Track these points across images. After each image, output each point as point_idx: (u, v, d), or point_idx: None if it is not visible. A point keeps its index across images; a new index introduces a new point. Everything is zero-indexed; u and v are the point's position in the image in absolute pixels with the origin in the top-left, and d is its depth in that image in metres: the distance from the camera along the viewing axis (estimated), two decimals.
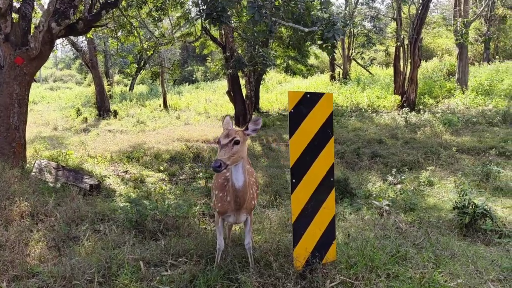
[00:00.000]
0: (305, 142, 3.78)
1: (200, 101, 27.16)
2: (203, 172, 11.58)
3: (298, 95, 3.74)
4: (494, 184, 9.58)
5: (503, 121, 15.59)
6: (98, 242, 4.67)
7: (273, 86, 29.58)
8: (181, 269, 3.98)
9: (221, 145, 3.63)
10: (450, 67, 25.25)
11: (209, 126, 19.85)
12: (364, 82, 24.80)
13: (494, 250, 5.02)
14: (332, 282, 3.56)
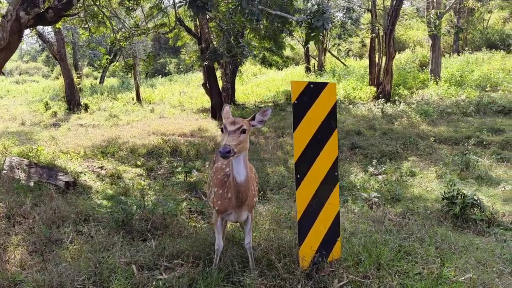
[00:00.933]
0: (309, 135, 3.59)
1: (174, 94, 26.61)
2: (182, 166, 11.31)
3: (301, 85, 3.54)
4: (474, 173, 9.71)
5: (477, 111, 15.92)
6: (84, 245, 4.35)
7: (248, 78, 29.31)
8: (178, 272, 3.73)
9: (228, 131, 3.39)
10: (423, 59, 25.64)
11: (184, 119, 19.45)
12: (339, 73, 24.86)
13: (490, 241, 4.99)
14: (340, 281, 3.40)
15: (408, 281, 3.33)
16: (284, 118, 18.52)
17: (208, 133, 16.60)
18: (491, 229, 6.19)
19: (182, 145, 13.87)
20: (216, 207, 3.82)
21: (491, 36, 30.21)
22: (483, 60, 23.86)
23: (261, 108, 3.60)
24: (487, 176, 9.53)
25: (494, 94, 17.76)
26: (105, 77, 36.81)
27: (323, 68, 27.34)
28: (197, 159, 12.67)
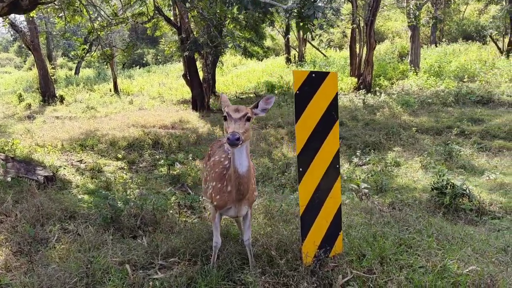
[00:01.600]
0: (311, 127, 3.46)
1: (153, 85, 26.10)
2: (164, 159, 11.12)
3: (303, 74, 3.40)
4: (458, 163, 9.83)
5: (456, 101, 16.15)
6: (72, 244, 4.13)
7: (228, 69, 29.01)
8: (175, 271, 3.56)
9: (233, 119, 3.23)
10: (402, 50, 25.87)
11: (165, 111, 19.09)
12: (319, 64, 24.84)
13: (483, 231, 5.01)
14: (344, 277, 3.31)
15: (414, 275, 3.26)
16: None
17: (190, 125, 16.34)
18: (480, 218, 6.26)
19: (163, 137, 13.63)
20: (214, 202, 3.65)
21: (467, 28, 30.76)
22: (460, 51, 24.24)
23: (264, 96, 3.44)
24: (470, 166, 9.66)
25: (471, 84, 18.05)
26: (81, 67, 35.85)
27: (303, 59, 27.28)
28: (180, 151, 12.46)
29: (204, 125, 16.11)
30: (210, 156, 4.29)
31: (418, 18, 19.60)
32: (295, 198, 7.14)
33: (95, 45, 16.97)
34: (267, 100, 3.45)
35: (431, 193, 6.89)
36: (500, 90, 16.64)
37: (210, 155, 4.30)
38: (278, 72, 24.60)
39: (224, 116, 3.33)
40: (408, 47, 23.68)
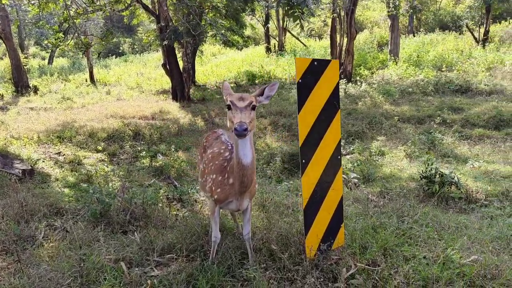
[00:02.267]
0: (313, 117, 3.36)
1: (131, 75, 25.52)
2: (146, 150, 10.90)
3: (305, 62, 3.28)
4: (441, 151, 9.95)
5: (436, 90, 16.36)
6: (61, 242, 3.92)
7: (208, 58, 28.61)
8: (173, 268, 3.41)
9: (239, 108, 3.08)
10: (380, 39, 26.02)
11: (144, 101, 18.71)
12: (299, 54, 24.75)
13: (475, 219, 5.04)
14: (348, 270, 3.24)
15: (419, 267, 3.22)
16: None
17: (170, 115, 16.06)
18: (468, 206, 6.33)
19: (144, 128, 13.36)
20: (214, 196, 3.51)
21: (444, 18, 31.16)
22: (437, 41, 24.55)
23: (269, 83, 3.30)
24: (453, 154, 9.79)
25: (450, 74, 18.31)
26: (54, 57, 34.72)
27: (283, 48, 27.13)
28: (161, 142, 12.25)
29: (185, 116, 15.86)
30: (205, 148, 4.14)
31: (398, 7, 19.69)
32: (283, 189, 7.08)
33: (71, 34, 16.39)
34: (272, 87, 3.32)
35: (420, 181, 6.91)
36: (477, 79, 16.93)
37: (206, 147, 4.14)
38: (258, 62, 24.40)
39: (228, 105, 3.17)
40: (387, 37, 23.83)
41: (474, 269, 3.14)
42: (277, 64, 23.37)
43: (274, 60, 24.37)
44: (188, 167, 10.09)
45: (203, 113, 16.31)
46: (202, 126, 14.66)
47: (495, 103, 13.72)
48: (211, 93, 19.76)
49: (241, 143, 3.16)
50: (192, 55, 19.97)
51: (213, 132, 4.42)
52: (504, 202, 6.46)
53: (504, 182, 7.33)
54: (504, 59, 19.04)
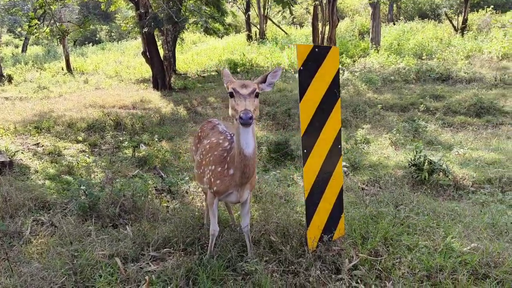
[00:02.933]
0: (314, 105, 3.26)
1: (109, 64, 24.89)
2: (128, 140, 10.67)
3: (307, 49, 3.17)
4: (425, 139, 10.04)
5: (417, 78, 16.51)
6: (50, 238, 3.74)
7: (188, 46, 28.13)
8: (171, 263, 3.29)
9: (242, 96, 2.95)
10: (361, 27, 26.07)
11: (124, 90, 18.31)
12: (281, 42, 24.59)
13: (466, 206, 5.06)
14: (351, 261, 3.18)
15: (422, 256, 3.19)
16: None
17: (152, 105, 15.77)
18: (456, 192, 6.39)
19: (125, 118, 13.07)
20: (214, 188, 3.38)
21: (423, 6, 31.41)
22: (417, 29, 24.73)
23: (273, 69, 3.17)
24: (437, 141, 9.88)
25: (430, 62, 18.50)
26: (28, 45, 33.57)
27: (264, 36, 26.89)
28: (144, 132, 12.00)
29: (167, 105, 15.59)
30: (201, 139, 3.99)
31: None
32: (272, 179, 7.00)
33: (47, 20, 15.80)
34: (274, 73, 3.18)
35: (408, 169, 6.93)
36: (457, 67, 17.15)
37: (201, 137, 4.00)
38: (239, 50, 24.13)
39: (230, 93, 3.04)
40: (368, 25, 23.89)
41: (476, 257, 3.13)
42: (258, 52, 23.17)
43: (255, 48, 24.14)
44: (172, 157, 9.92)
45: (185, 102, 16.06)
46: (185, 115, 14.44)
47: (475, 91, 13.92)
48: (192, 82, 19.46)
49: (243, 132, 3.03)
50: (172, 43, 19.58)
51: (208, 122, 4.27)
52: (491, 189, 6.56)
53: (489, 168, 7.43)
54: (482, 47, 19.34)
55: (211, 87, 18.71)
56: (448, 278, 2.95)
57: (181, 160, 9.79)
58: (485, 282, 2.93)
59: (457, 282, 2.92)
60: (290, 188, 5.77)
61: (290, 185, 6.57)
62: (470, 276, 3.01)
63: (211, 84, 19.12)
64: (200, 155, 3.72)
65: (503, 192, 6.40)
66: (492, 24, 23.46)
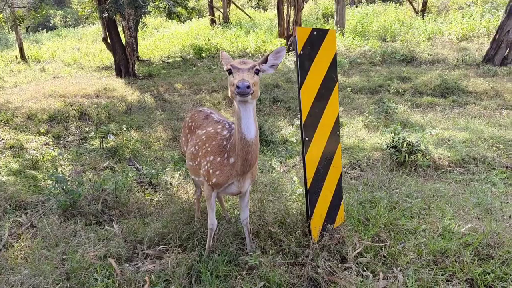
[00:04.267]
0: (314, 91, 3.13)
1: (67, 51, 23.74)
2: (95, 131, 10.26)
3: (306, 32, 3.02)
4: (396, 120, 10.19)
5: (383, 61, 16.74)
6: (33, 240, 3.46)
7: (149, 32, 27.24)
8: (170, 260, 3.10)
9: (240, 70, 2.78)
10: (325, 10, 26.09)
11: (85, 78, 17.56)
12: (245, 26, 24.25)
13: (451, 186, 5.14)
14: (355, 249, 3.12)
15: (422, 240, 3.18)
16: (196, 74, 17.64)
17: (116, 93, 15.20)
18: (435, 173, 6.51)
19: (89, 107, 12.55)
20: (212, 180, 3.19)
21: None
22: (379, 11, 25.04)
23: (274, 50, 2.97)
24: (408, 122, 10.06)
25: (394, 44, 18.79)
26: None
27: (228, 20, 26.44)
28: (110, 122, 11.56)
29: (133, 93, 15.08)
30: (192, 129, 3.77)
31: None
32: None
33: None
34: (277, 54, 2.97)
35: (388, 151, 6.98)
36: (420, 49, 17.51)
37: (193, 127, 3.77)
38: (203, 35, 23.62)
39: (228, 70, 2.85)
40: (331, 8, 23.94)
41: (479, 239, 3.15)
42: (223, 36, 22.76)
43: (220, 33, 23.70)
44: (143, 146, 9.62)
45: (151, 90, 15.60)
46: (152, 103, 14.03)
47: (439, 72, 14.27)
48: (157, 69, 18.91)
49: (244, 116, 2.85)
50: (134, 28, 18.88)
51: (199, 111, 4.04)
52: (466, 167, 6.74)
53: (462, 147, 7.62)
54: (442, 29, 19.82)
55: (177, 73, 18.24)
56: (455, 261, 2.95)
57: (152, 149, 9.51)
58: (490, 262, 2.96)
59: (463, 264, 2.93)
60: (274, 175, 5.67)
61: (270, 171, 6.48)
62: (474, 257, 3.03)
63: (177, 70, 18.65)
64: (195, 146, 3.53)
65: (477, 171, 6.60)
66: (450, 6, 24.12)
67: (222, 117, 3.74)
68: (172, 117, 12.10)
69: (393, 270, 2.89)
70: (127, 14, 16.42)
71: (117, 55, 17.58)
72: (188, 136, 3.81)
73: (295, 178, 4.68)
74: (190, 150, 3.55)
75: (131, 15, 16.69)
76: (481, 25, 18.71)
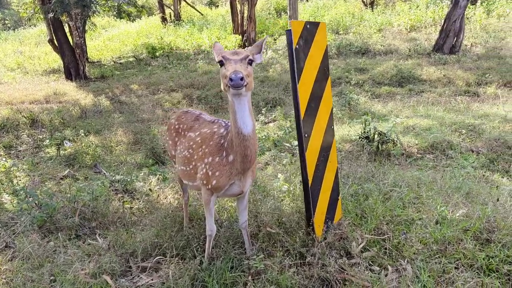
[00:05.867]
0: (310, 85, 3.03)
1: (8, 55, 22.30)
2: (50, 138, 9.72)
3: (300, 25, 2.90)
4: (359, 111, 10.37)
5: (339, 53, 17.03)
6: (12, 262, 3.12)
7: (97, 32, 26.14)
8: (170, 272, 2.89)
9: (232, 60, 2.65)
10: (277, 5, 26.16)
11: (32, 83, 16.61)
12: (198, 23, 23.85)
13: (429, 174, 5.23)
14: (357, 243, 3.07)
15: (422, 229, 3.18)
16: (152, 73, 17.14)
17: (68, 97, 14.50)
18: (407, 161, 6.65)
19: (41, 113, 11.88)
20: (212, 182, 3.01)
21: None
22: (330, 5, 25.44)
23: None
24: (371, 112, 10.26)
25: (347, 36, 19.16)
26: None
27: (180, 18, 25.88)
28: (65, 128, 11.00)
29: (86, 96, 14.44)
30: (180, 132, 3.54)
31: None
32: None
33: None
34: (258, 45, 2.84)
35: (360, 141, 7.05)
36: (373, 40, 17.96)
37: (181, 130, 3.54)
38: (155, 33, 22.98)
39: (220, 61, 2.72)
40: (283, 3, 24.04)
41: (477, 224, 3.19)
42: (176, 34, 22.25)
43: (172, 31, 23.15)
44: (104, 152, 9.21)
45: (106, 92, 14.99)
46: (108, 106, 13.50)
47: (393, 62, 14.69)
48: (110, 70, 18.19)
49: (238, 110, 2.72)
50: (82, 29, 18.04)
51: (185, 113, 3.82)
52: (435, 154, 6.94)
53: (427, 134, 7.85)
54: (391, 20, 20.43)
55: (131, 73, 17.64)
56: (459, 248, 2.98)
57: (115, 154, 9.12)
58: (490, 246, 3.01)
59: (466, 251, 2.96)
60: None
61: None
62: (474, 242, 3.07)
63: (131, 71, 18.04)
64: (188, 150, 3.32)
65: (446, 156, 6.82)
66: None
67: (213, 117, 3.57)
68: (132, 120, 11.69)
69: (400, 262, 2.88)
70: (75, 14, 15.64)
71: (66, 57, 16.74)
72: (176, 140, 3.59)
73: (279, 175, 4.59)
74: (183, 154, 3.34)
75: (78, 14, 15.91)
76: (427, 15, 19.46)
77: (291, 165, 5.74)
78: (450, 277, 2.69)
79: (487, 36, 16.52)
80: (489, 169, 6.06)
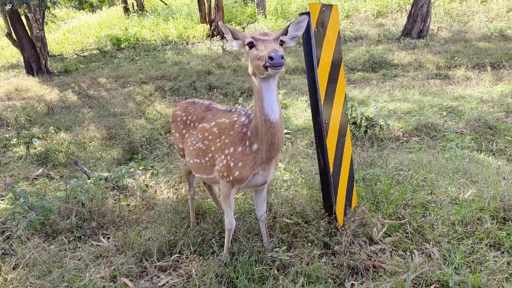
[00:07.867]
0: (327, 70, 2.92)
1: None
2: (17, 137, 9.27)
3: (317, 8, 2.77)
4: None
5: None
6: (18, 271, 2.86)
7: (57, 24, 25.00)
8: (194, 270, 2.73)
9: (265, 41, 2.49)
10: None
11: None
12: (163, 14, 23.23)
13: (423, 156, 5.27)
14: (378, 230, 3.02)
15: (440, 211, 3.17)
16: (119, 66, 16.56)
17: (31, 93, 13.85)
18: (395, 144, 6.71)
19: (3, 111, 11.28)
20: (235, 173, 2.84)
21: None
22: None
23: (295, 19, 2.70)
24: (350, 98, 10.30)
25: None
26: None
27: (143, 8, 25.12)
28: (32, 125, 10.49)
29: (51, 92, 13.81)
30: (189, 123, 3.31)
31: None
32: None
33: None
34: (298, 24, 2.70)
35: None
36: (342, 27, 18.06)
37: (189, 121, 3.31)
38: (119, 25, 22.21)
39: (250, 43, 2.53)
40: None
41: (493, 204, 3.21)
42: (141, 25, 21.59)
43: (136, 22, 22.44)
44: (77, 148, 8.83)
45: (72, 86, 14.38)
46: (76, 100, 12.96)
47: (364, 48, 14.84)
48: (74, 63, 17.42)
49: (266, 96, 2.56)
50: (42, 21, 17.17)
51: (192, 103, 3.59)
52: (420, 136, 7.04)
53: (409, 117, 7.96)
54: (357, 6, 20.61)
55: (97, 66, 16.99)
56: (481, 229, 2.99)
57: (89, 150, 8.75)
58: (508, 224, 3.05)
59: (488, 230, 2.98)
60: None
61: None
62: (492, 221, 3.10)
63: (96, 64, 17.35)
64: (203, 141, 3.13)
65: (432, 138, 6.94)
66: None
67: (222, 106, 3.39)
68: (103, 114, 11.25)
69: (425, 245, 2.85)
70: (33, 5, 14.84)
71: (26, 51, 15.88)
72: (183, 132, 3.39)
73: (280, 164, 4.49)
74: (197, 145, 3.14)
75: (37, 5, 15.11)
76: (393, 1, 19.74)
77: (284, 153, 5.65)
78: (478, 257, 2.70)
79: (451, 20, 16.96)
80: (475, 149, 6.20)
